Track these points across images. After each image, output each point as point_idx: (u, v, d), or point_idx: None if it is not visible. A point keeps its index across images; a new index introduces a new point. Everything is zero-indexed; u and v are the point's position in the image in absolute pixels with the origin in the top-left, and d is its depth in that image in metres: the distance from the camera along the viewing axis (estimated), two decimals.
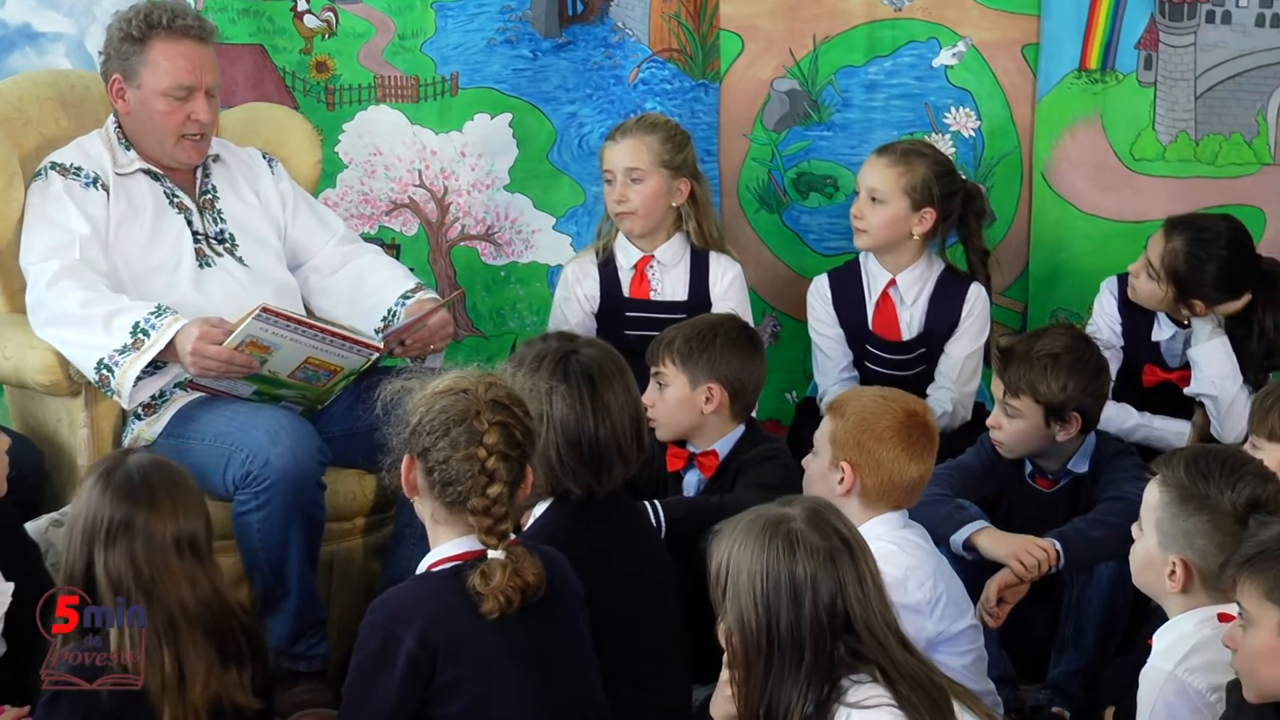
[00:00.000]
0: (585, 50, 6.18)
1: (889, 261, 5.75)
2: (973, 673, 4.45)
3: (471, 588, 3.63)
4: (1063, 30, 6.07)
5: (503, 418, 3.66)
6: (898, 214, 5.66)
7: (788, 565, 3.43)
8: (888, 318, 5.76)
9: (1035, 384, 5.01)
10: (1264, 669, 3.49)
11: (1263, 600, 3.48)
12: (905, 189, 5.64)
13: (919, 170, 5.64)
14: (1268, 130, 6.08)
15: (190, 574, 3.79)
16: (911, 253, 5.73)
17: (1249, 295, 5.44)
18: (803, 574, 3.43)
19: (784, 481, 4.73)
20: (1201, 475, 3.82)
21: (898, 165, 5.66)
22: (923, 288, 5.74)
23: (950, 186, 5.70)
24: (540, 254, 6.29)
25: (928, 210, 5.65)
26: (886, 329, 5.76)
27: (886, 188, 5.65)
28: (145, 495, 3.78)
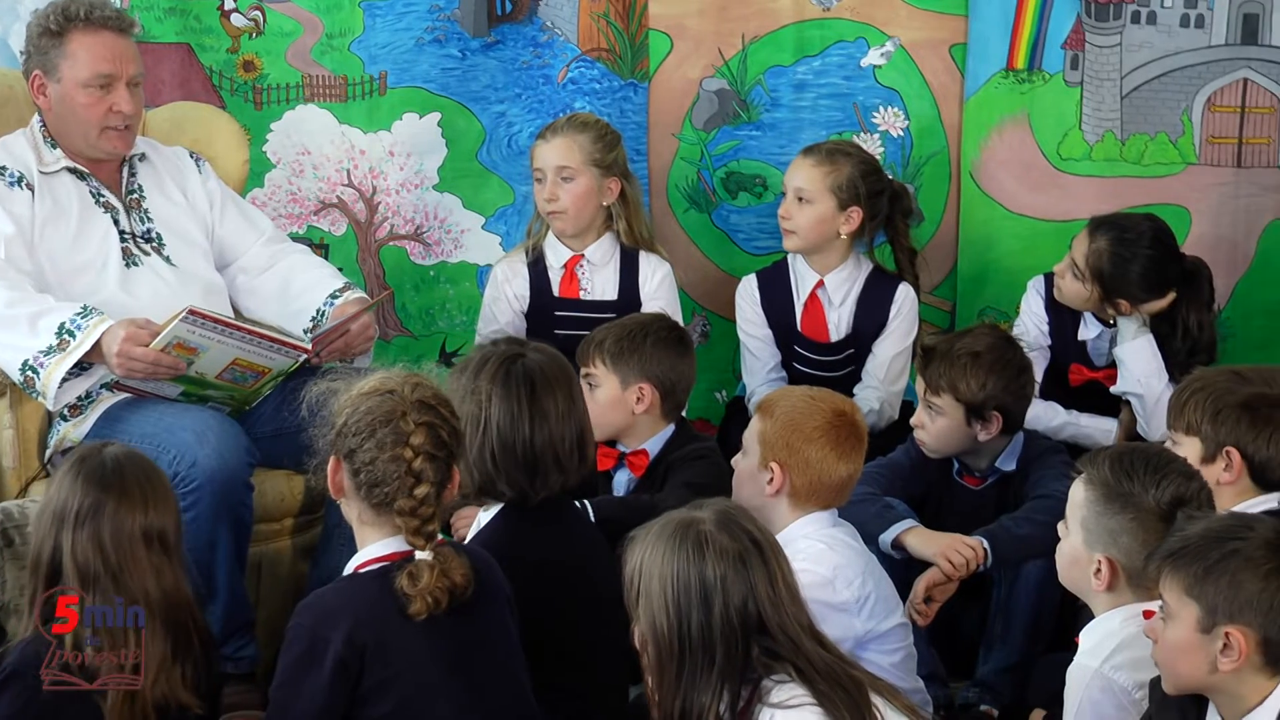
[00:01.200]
0: (514, 50, 6.17)
1: (817, 262, 5.76)
2: (902, 670, 4.46)
3: (399, 589, 3.62)
4: (990, 30, 6.10)
5: (429, 418, 3.66)
6: (825, 214, 5.67)
7: (697, 568, 3.44)
8: (816, 319, 5.77)
9: (955, 382, 5.03)
10: (1181, 662, 3.52)
11: (1183, 595, 3.50)
12: (831, 188, 5.65)
13: (845, 170, 5.66)
14: (1193, 130, 6.11)
15: (157, 566, 3.76)
16: (839, 253, 5.74)
17: (1173, 293, 5.48)
18: (712, 576, 3.43)
19: (714, 481, 4.73)
20: (1126, 474, 3.85)
21: (823, 165, 5.67)
22: (851, 288, 5.75)
23: (876, 185, 5.71)
24: (469, 253, 6.28)
25: (854, 209, 5.67)
26: (815, 330, 5.77)
27: (813, 188, 5.66)
28: (116, 483, 3.75)
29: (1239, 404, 4.31)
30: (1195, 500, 3.84)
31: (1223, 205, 6.14)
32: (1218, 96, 6.10)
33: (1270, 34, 6.03)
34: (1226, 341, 6.02)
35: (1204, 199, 6.15)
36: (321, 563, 4.96)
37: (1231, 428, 4.29)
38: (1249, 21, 6.03)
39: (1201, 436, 4.31)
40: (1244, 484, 4.30)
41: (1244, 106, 6.10)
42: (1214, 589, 3.46)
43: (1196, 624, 3.48)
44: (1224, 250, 6.11)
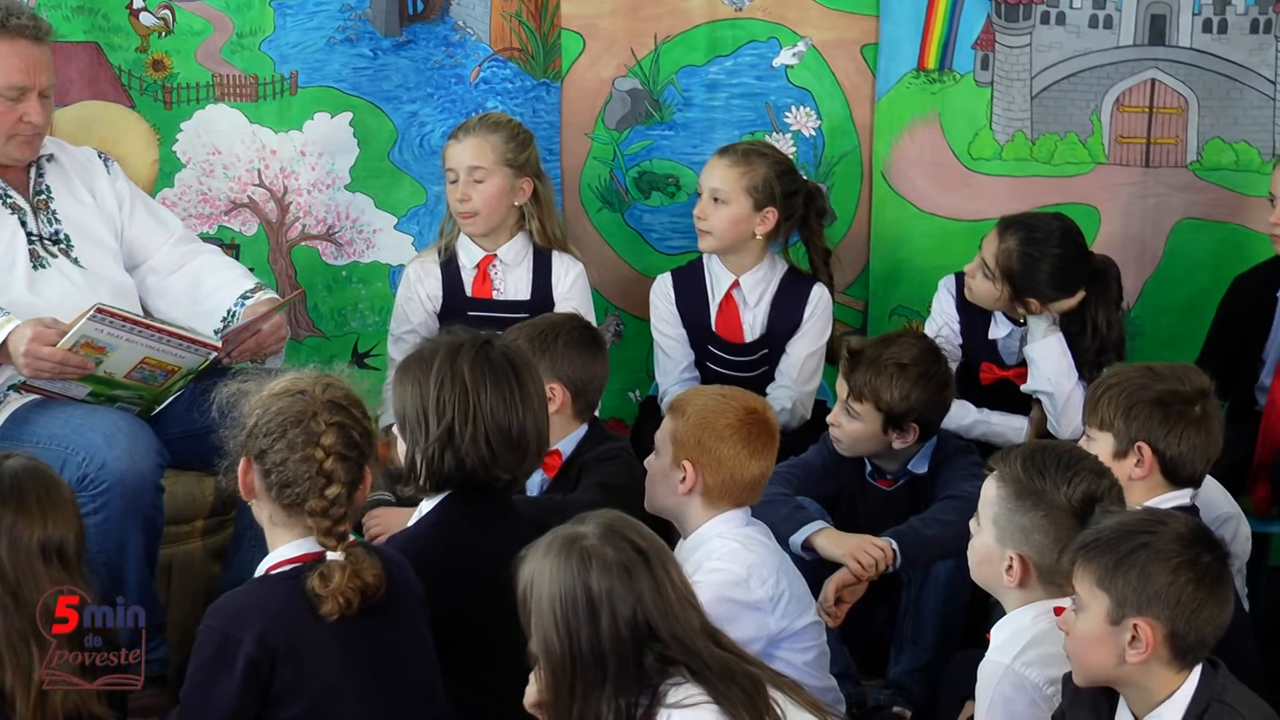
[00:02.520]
0: (426, 49, 6.15)
1: (732, 262, 5.77)
2: (815, 669, 4.48)
3: (310, 590, 3.61)
4: (901, 30, 6.12)
5: (340, 419, 3.65)
6: (740, 214, 5.68)
7: (582, 583, 3.44)
8: (731, 319, 5.78)
9: (879, 391, 5.04)
10: (1091, 653, 3.55)
11: (1094, 586, 3.53)
12: (747, 189, 5.66)
13: (760, 170, 5.67)
14: (1102, 129, 6.15)
15: (56, 581, 3.72)
16: (754, 253, 5.75)
17: (1083, 292, 5.51)
18: (598, 589, 3.43)
19: (627, 481, 4.74)
20: (1038, 471, 3.87)
21: (739, 165, 5.68)
22: (766, 289, 5.76)
23: (792, 186, 5.73)
24: (382, 254, 6.26)
25: (770, 210, 5.68)
26: (729, 330, 5.78)
27: (728, 188, 5.67)
28: (14, 497, 3.71)
29: (1151, 400, 4.34)
30: (1106, 497, 3.87)
31: (1131, 204, 6.18)
32: (1126, 97, 6.14)
33: (1177, 35, 6.07)
34: (1136, 340, 6.06)
35: (1113, 198, 6.18)
36: (232, 564, 4.94)
37: (1143, 424, 4.33)
38: (1156, 22, 6.07)
39: (1114, 432, 4.34)
40: (1155, 480, 4.34)
41: (1152, 107, 6.14)
42: (1124, 581, 3.50)
43: (1106, 615, 3.52)
44: (1133, 249, 6.15)
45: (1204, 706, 3.52)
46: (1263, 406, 5.66)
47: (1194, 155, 6.15)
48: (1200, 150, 6.15)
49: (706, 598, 3.91)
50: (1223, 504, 4.84)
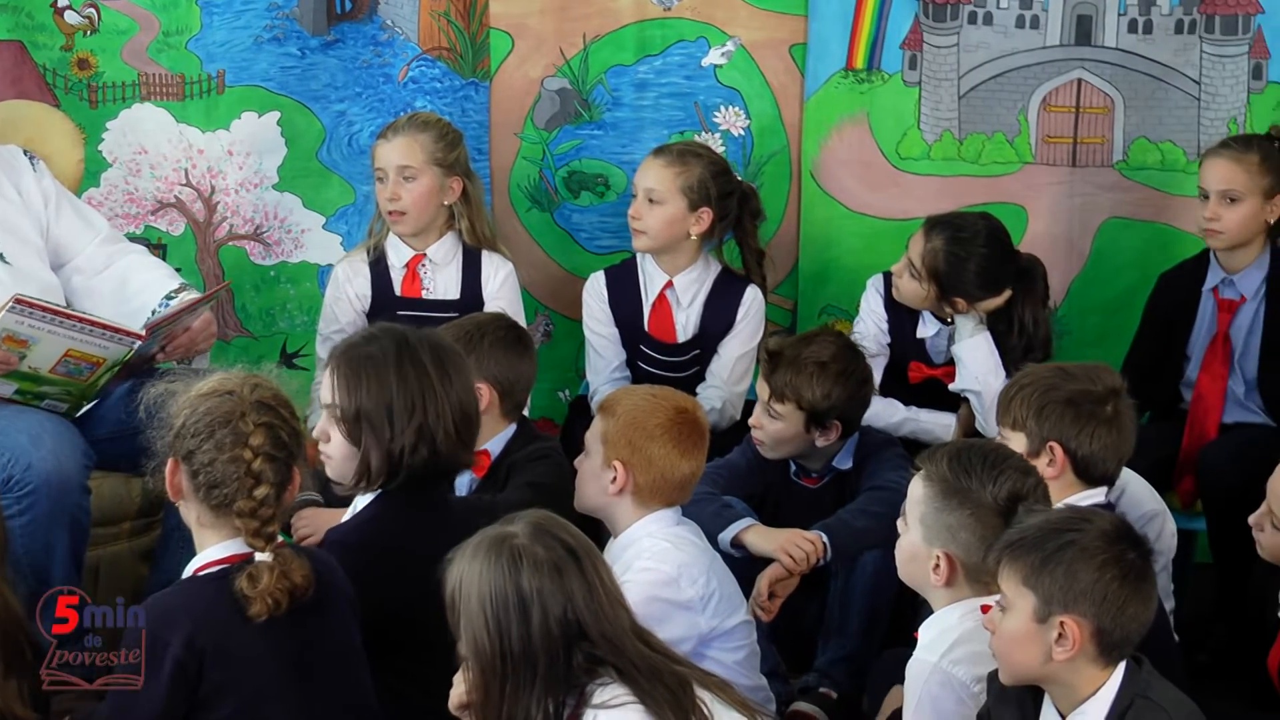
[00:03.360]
0: (354, 48, 6.13)
1: (666, 263, 5.77)
2: (746, 668, 4.49)
3: (239, 591, 3.60)
4: (829, 30, 6.14)
5: (268, 419, 3.64)
6: (675, 214, 5.69)
7: (513, 582, 3.44)
8: (664, 319, 5.78)
9: (800, 390, 5.06)
10: (1018, 651, 3.57)
11: (1020, 585, 3.55)
12: (682, 189, 5.67)
13: (695, 170, 5.68)
14: (1029, 129, 6.18)
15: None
16: (689, 254, 5.76)
17: (1009, 291, 5.54)
18: (529, 589, 3.44)
19: (556, 481, 4.74)
20: (964, 470, 3.89)
21: (674, 165, 5.69)
22: (699, 289, 5.77)
23: (727, 187, 5.74)
24: (310, 253, 6.24)
25: (705, 210, 5.69)
26: (662, 330, 5.78)
27: (663, 188, 5.68)
28: None
29: (1063, 400, 4.37)
30: (1031, 495, 3.89)
31: (1058, 204, 6.21)
32: (1053, 96, 6.17)
33: (1103, 35, 6.11)
34: (1062, 339, 6.08)
35: (1040, 198, 6.21)
36: (160, 565, 4.91)
37: (1055, 423, 4.36)
38: (1082, 23, 6.10)
39: (1027, 432, 4.37)
40: (1068, 479, 4.36)
41: (1078, 106, 6.17)
42: (1050, 579, 3.52)
43: (1033, 614, 3.54)
44: (1060, 248, 6.18)
45: (1128, 703, 3.54)
46: (1189, 402, 5.71)
47: (1120, 155, 6.18)
48: (1126, 150, 6.18)
49: (637, 597, 3.93)
50: (1148, 501, 4.87)
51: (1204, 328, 5.72)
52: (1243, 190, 5.54)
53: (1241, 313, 5.66)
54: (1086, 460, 4.37)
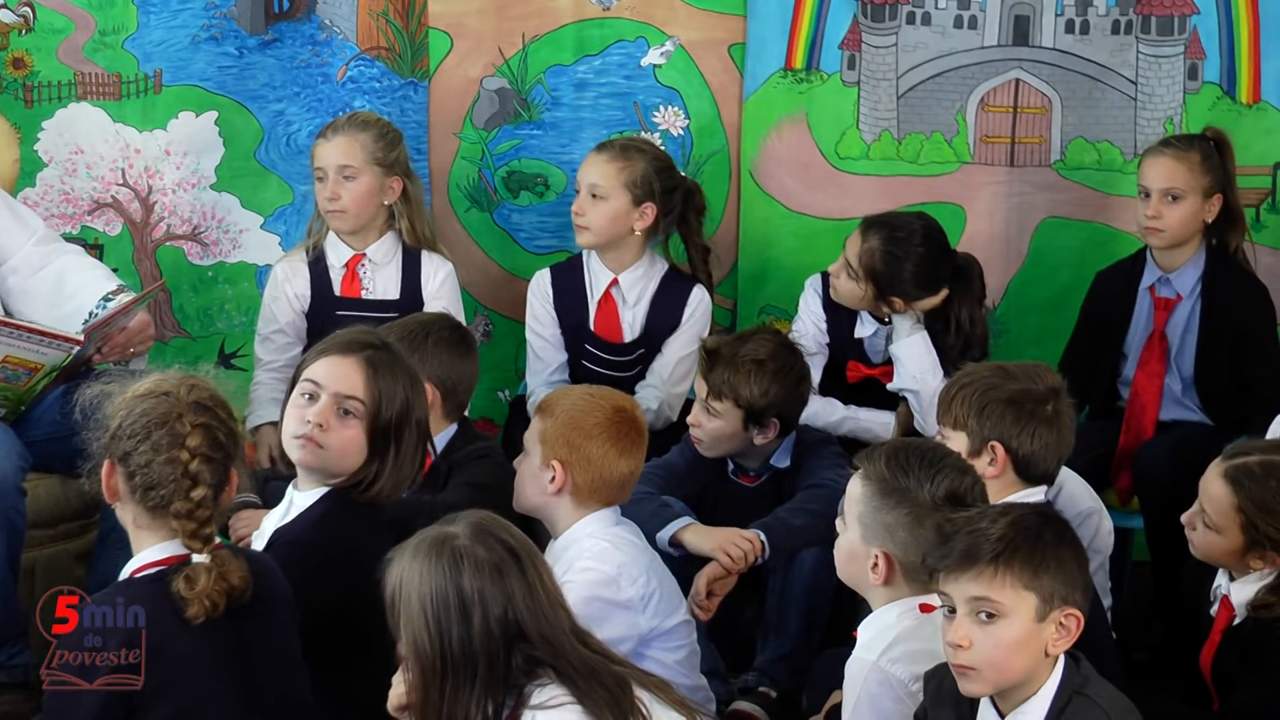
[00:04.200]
0: (292, 48, 6.12)
1: (611, 260, 5.77)
2: (686, 668, 4.50)
3: (176, 593, 3.58)
4: (768, 30, 6.15)
5: (205, 420, 3.63)
6: (618, 209, 5.68)
7: (454, 582, 3.44)
8: (609, 318, 5.78)
9: (738, 388, 5.07)
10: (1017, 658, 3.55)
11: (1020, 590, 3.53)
12: (625, 184, 5.66)
13: (639, 165, 5.67)
14: (967, 129, 6.20)
15: None
16: (633, 250, 5.75)
17: (946, 290, 5.56)
18: (470, 589, 3.44)
19: (496, 480, 4.74)
20: (902, 469, 3.89)
21: (618, 160, 5.68)
22: (645, 287, 5.77)
23: (670, 182, 5.73)
24: (248, 253, 6.22)
25: (648, 206, 5.68)
26: (608, 330, 5.77)
27: (607, 183, 5.67)
28: None
29: (1004, 400, 4.39)
30: (969, 494, 3.90)
31: (996, 203, 6.23)
32: (991, 96, 6.19)
33: (1040, 35, 6.13)
34: (1001, 337, 6.11)
35: (978, 197, 6.23)
36: (97, 568, 4.88)
37: (996, 423, 4.37)
38: (1020, 23, 6.13)
39: (968, 431, 4.39)
40: (1008, 478, 4.38)
41: (1016, 106, 6.20)
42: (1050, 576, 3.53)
43: (1034, 614, 3.54)
44: (998, 248, 6.21)
45: (1066, 700, 3.56)
46: (1125, 400, 5.74)
47: (1058, 155, 6.21)
48: (1064, 150, 6.21)
49: (577, 597, 3.94)
50: (1085, 499, 4.90)
51: (1141, 326, 5.75)
52: (1184, 189, 5.58)
53: (1178, 311, 5.69)
54: (1027, 459, 4.38)
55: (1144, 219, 5.64)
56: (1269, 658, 4.18)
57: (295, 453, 4.13)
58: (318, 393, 4.11)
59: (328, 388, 4.10)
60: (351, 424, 4.09)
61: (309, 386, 4.13)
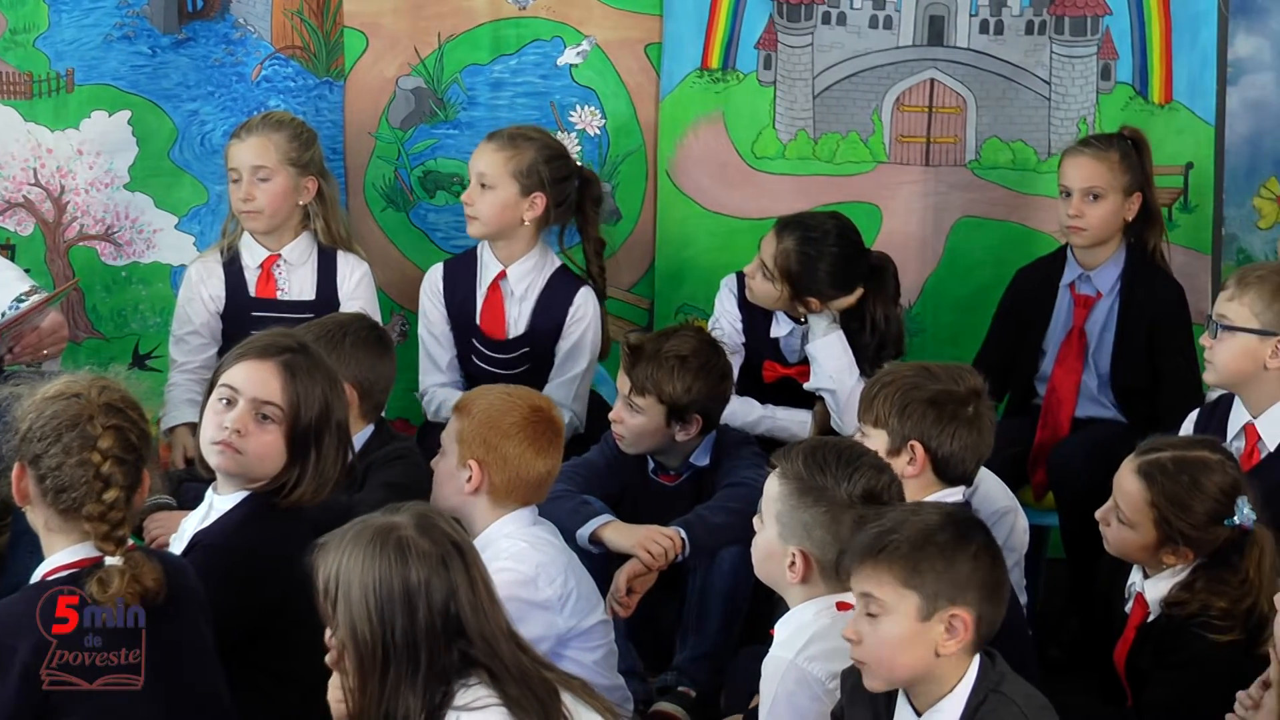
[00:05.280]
0: (206, 47, 6.09)
1: (502, 251, 5.73)
2: (603, 667, 4.50)
3: (89, 595, 3.56)
4: (684, 30, 6.16)
5: (117, 421, 3.60)
6: (507, 199, 5.64)
7: (400, 573, 3.42)
8: (495, 312, 5.74)
9: (661, 384, 5.07)
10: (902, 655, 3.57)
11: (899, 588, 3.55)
12: (513, 173, 5.62)
13: (527, 154, 5.63)
14: (883, 129, 6.22)
15: None
16: (524, 242, 5.72)
17: (861, 289, 5.57)
18: (416, 581, 3.42)
19: (413, 481, 4.73)
20: (819, 467, 3.90)
21: (505, 149, 5.65)
22: (534, 281, 5.74)
23: (561, 171, 5.69)
24: (162, 254, 6.19)
25: (538, 195, 5.64)
26: (493, 325, 5.74)
27: (494, 172, 5.63)
28: None
29: (925, 400, 4.40)
30: (886, 492, 3.92)
31: (912, 203, 6.26)
32: (906, 96, 6.22)
33: (955, 35, 6.16)
34: (917, 337, 6.14)
35: (894, 197, 6.26)
36: (8, 571, 4.84)
37: (916, 422, 4.39)
38: (935, 23, 6.16)
39: (888, 429, 4.40)
40: (927, 477, 4.40)
41: (931, 106, 6.22)
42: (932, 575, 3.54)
43: (917, 613, 3.55)
44: (914, 247, 6.23)
45: (982, 698, 3.58)
46: (1042, 397, 5.77)
47: (972, 154, 6.24)
48: (979, 149, 6.24)
49: None
50: (1001, 498, 4.92)
51: (1060, 323, 5.79)
52: (1105, 187, 5.62)
53: (1097, 308, 5.73)
54: (946, 460, 4.40)
55: (1065, 218, 5.68)
56: (1182, 654, 4.21)
57: (214, 458, 4.10)
58: (235, 398, 4.09)
59: (245, 393, 4.07)
60: (270, 429, 4.07)
61: (226, 392, 4.10)
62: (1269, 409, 4.84)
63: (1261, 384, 4.84)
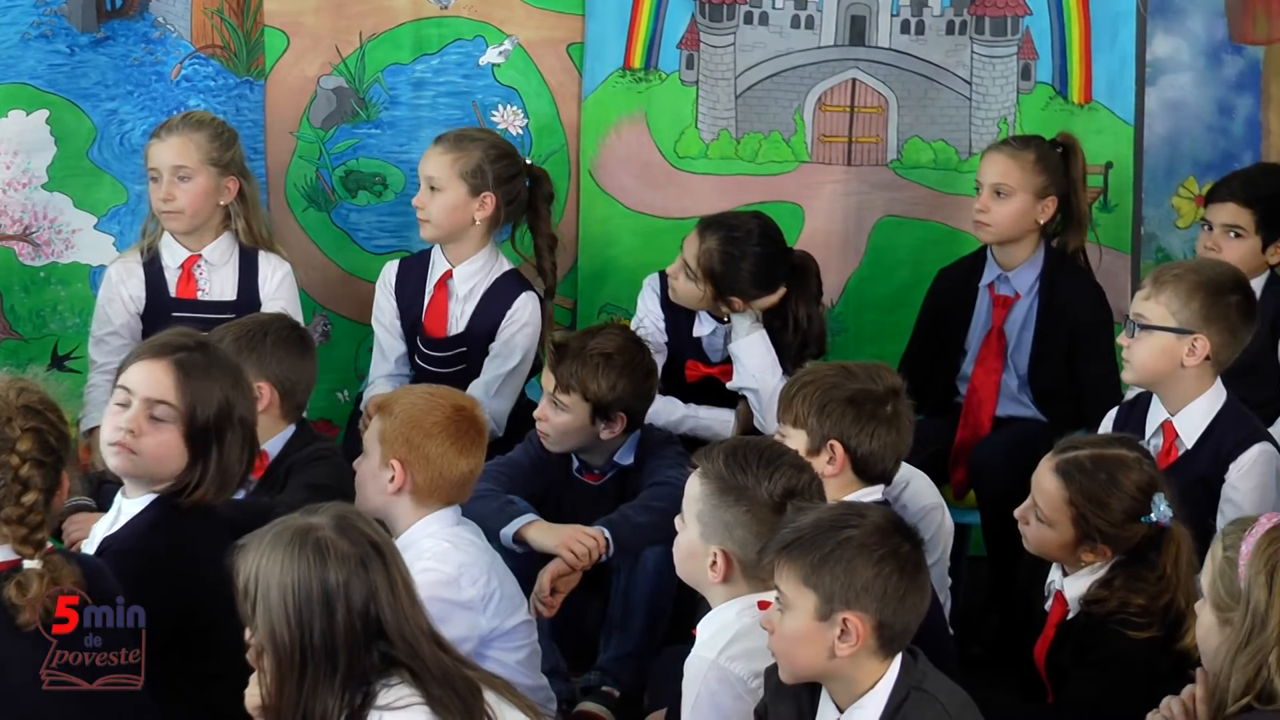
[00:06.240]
0: (125, 46, 6.06)
1: (452, 251, 5.74)
2: (527, 667, 4.50)
3: (7, 599, 3.53)
4: (607, 30, 6.16)
5: (35, 423, 3.57)
6: (456, 200, 5.66)
7: (319, 574, 3.40)
8: (439, 311, 5.75)
9: (586, 382, 5.08)
10: (800, 651, 3.59)
11: (800, 585, 3.57)
12: (461, 174, 5.64)
13: (474, 155, 5.65)
14: (805, 128, 6.24)
15: None
16: (474, 242, 5.73)
17: (784, 288, 5.59)
18: (335, 582, 3.41)
19: (335, 482, 4.71)
20: (740, 467, 3.91)
21: (452, 151, 5.66)
22: (479, 282, 5.74)
23: (509, 170, 5.71)
24: (82, 254, 6.15)
25: (487, 195, 5.66)
26: (435, 324, 5.75)
27: (442, 174, 5.65)
28: None
29: (844, 399, 4.42)
30: (806, 491, 3.93)
31: (834, 202, 6.28)
32: (828, 96, 6.24)
33: (876, 35, 6.19)
34: (840, 336, 6.16)
35: (816, 196, 6.28)
36: None
37: (836, 422, 4.40)
38: (856, 23, 6.18)
39: (808, 429, 4.42)
40: (847, 477, 4.42)
41: (853, 106, 6.24)
42: (830, 577, 3.55)
43: (814, 612, 3.56)
44: (836, 246, 6.25)
45: (904, 695, 3.59)
46: (963, 396, 5.80)
47: (894, 154, 6.27)
48: (900, 149, 6.27)
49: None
50: (928, 495, 4.94)
51: (980, 323, 5.82)
52: (1014, 186, 5.65)
53: (1016, 309, 5.76)
54: (866, 459, 4.42)
55: (975, 212, 5.72)
56: (1101, 650, 4.24)
57: (111, 460, 4.07)
58: (129, 399, 4.05)
59: (138, 393, 4.04)
60: (165, 429, 4.02)
61: (121, 393, 4.08)
62: (1186, 407, 4.88)
63: (1179, 382, 4.87)
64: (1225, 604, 3.61)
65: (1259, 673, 3.47)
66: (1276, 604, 3.47)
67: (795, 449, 4.20)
